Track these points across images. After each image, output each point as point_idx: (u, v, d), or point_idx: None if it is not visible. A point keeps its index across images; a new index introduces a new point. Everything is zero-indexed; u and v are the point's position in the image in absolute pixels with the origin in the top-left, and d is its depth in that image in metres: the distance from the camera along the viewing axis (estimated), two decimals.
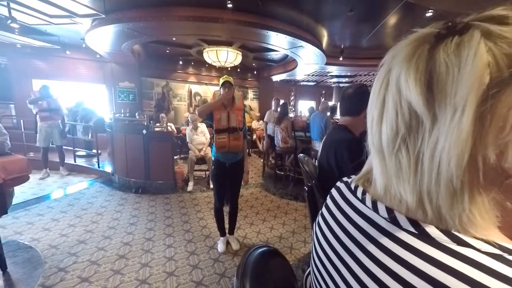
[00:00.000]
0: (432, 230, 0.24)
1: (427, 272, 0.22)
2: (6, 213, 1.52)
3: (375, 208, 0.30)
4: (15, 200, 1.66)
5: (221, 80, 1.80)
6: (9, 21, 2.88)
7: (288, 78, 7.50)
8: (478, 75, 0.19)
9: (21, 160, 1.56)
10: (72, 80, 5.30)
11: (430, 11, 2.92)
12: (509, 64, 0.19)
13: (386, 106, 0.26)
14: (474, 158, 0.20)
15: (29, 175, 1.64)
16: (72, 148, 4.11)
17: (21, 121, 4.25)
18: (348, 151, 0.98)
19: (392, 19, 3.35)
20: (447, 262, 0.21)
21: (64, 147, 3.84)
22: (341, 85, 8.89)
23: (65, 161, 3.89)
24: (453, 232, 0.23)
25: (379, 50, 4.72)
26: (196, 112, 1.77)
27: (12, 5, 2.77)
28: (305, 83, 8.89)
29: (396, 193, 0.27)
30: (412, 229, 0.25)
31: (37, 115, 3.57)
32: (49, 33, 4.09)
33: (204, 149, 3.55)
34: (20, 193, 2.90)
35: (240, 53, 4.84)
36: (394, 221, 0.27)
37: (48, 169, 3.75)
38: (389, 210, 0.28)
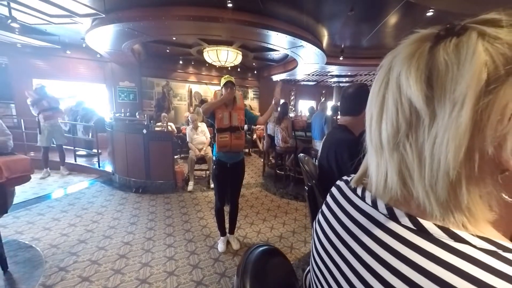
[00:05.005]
0: (429, 226, 0.24)
1: (425, 267, 0.22)
2: (6, 212, 1.52)
3: (374, 205, 0.30)
4: (16, 200, 1.66)
5: (223, 80, 1.80)
6: (10, 20, 2.88)
7: (288, 77, 7.50)
8: (477, 72, 0.20)
9: (24, 160, 1.57)
10: (72, 79, 5.30)
11: (430, 10, 2.92)
12: (505, 62, 0.20)
13: (386, 104, 0.27)
14: (471, 151, 0.21)
15: (31, 175, 1.65)
16: (72, 148, 4.12)
17: (22, 120, 4.26)
18: (348, 152, 0.98)
19: (392, 19, 3.35)
20: (444, 258, 0.22)
21: (64, 146, 3.84)
22: (341, 84, 8.87)
23: (66, 161, 3.89)
24: (450, 228, 0.23)
25: (380, 49, 4.71)
26: (201, 110, 1.78)
27: (12, 4, 2.77)
28: (305, 82, 8.88)
29: (396, 189, 0.27)
30: (410, 225, 0.26)
31: (40, 115, 3.56)
32: (50, 33, 4.09)
33: (204, 148, 3.55)
34: (21, 192, 2.91)
35: (240, 52, 4.84)
36: (393, 217, 0.27)
37: (48, 168, 3.75)
38: (388, 207, 0.28)
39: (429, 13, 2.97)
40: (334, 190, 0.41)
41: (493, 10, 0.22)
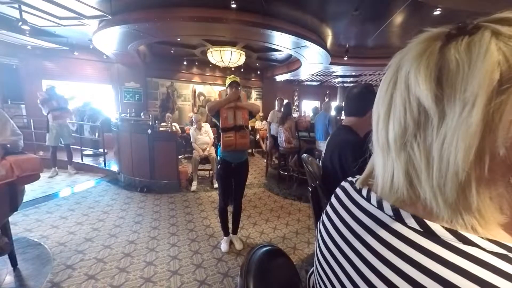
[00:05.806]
0: (437, 228, 0.24)
1: (433, 269, 0.22)
2: (17, 210, 1.56)
3: (380, 206, 0.30)
4: (25, 198, 1.70)
5: (228, 80, 1.82)
6: (21, 23, 2.96)
7: (291, 78, 7.47)
8: (489, 72, 0.20)
9: (34, 159, 1.60)
10: (79, 80, 5.41)
11: (438, 9, 2.86)
12: None
13: (394, 103, 0.26)
14: (481, 152, 0.21)
15: (40, 173, 1.68)
16: (79, 147, 4.20)
17: (31, 120, 4.37)
18: (352, 154, 0.97)
19: (398, 18, 3.29)
20: (453, 260, 0.22)
21: (72, 146, 3.92)
22: (345, 85, 8.80)
23: (73, 160, 3.97)
24: (459, 231, 0.23)
25: (385, 49, 4.65)
26: (206, 108, 1.79)
27: (23, 7, 2.85)
28: (309, 83, 8.83)
29: (403, 190, 0.26)
30: (417, 227, 0.25)
31: (50, 115, 3.66)
32: (58, 35, 4.19)
33: (208, 148, 3.57)
34: (30, 191, 2.98)
35: (244, 53, 4.85)
36: (399, 218, 0.27)
37: (56, 167, 3.84)
38: (394, 208, 0.28)
39: (437, 12, 2.91)
40: (338, 191, 0.40)
41: (507, 9, 0.22)
